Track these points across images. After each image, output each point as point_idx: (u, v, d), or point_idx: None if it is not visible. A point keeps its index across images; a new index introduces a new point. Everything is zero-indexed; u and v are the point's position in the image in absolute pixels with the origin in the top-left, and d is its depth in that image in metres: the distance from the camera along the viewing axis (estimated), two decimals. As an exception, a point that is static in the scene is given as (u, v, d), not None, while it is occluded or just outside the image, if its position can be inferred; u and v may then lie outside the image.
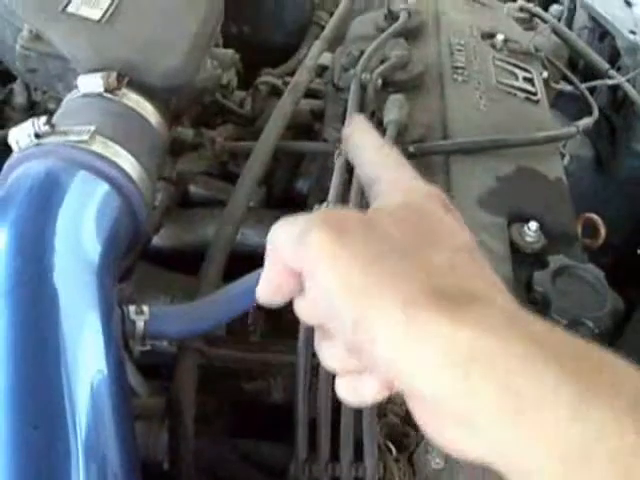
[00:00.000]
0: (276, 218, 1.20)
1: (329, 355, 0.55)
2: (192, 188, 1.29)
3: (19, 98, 1.18)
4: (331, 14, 1.71)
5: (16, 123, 1.03)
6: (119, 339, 0.79)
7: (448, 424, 0.46)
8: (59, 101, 1.01)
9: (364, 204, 0.94)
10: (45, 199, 0.81)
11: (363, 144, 0.63)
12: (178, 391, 0.89)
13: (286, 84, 1.37)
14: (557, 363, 0.42)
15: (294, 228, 0.52)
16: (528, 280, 0.99)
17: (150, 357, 0.91)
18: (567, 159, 1.33)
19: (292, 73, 1.47)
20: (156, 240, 1.18)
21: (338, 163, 1.00)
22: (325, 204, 0.94)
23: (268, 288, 0.55)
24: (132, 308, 0.80)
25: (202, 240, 1.22)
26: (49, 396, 0.70)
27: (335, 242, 0.49)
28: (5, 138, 1.02)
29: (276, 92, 1.42)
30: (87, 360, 0.74)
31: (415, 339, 0.45)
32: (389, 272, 0.47)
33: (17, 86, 1.18)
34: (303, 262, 0.50)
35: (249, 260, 0.93)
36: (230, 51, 1.30)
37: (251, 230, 1.22)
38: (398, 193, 0.55)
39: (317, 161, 1.31)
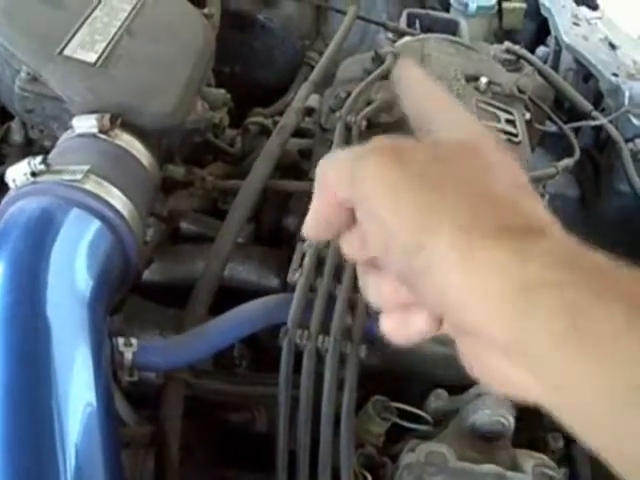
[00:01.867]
0: (264, 254, 1.25)
1: (377, 291, 0.54)
2: (183, 224, 1.33)
3: (16, 136, 1.23)
4: (321, 54, 1.78)
5: (13, 160, 1.09)
6: (109, 370, 0.83)
7: (499, 359, 0.45)
8: (55, 139, 1.06)
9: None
10: (40, 236, 0.85)
11: (415, 80, 0.62)
12: (164, 420, 0.93)
13: (275, 124, 1.42)
14: (629, 302, 0.41)
15: (345, 157, 0.51)
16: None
17: (138, 387, 0.95)
18: (547, 198, 1.37)
19: (282, 113, 1.52)
20: (146, 274, 1.22)
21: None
22: (307, 243, 0.98)
23: (317, 223, 0.54)
24: (121, 340, 0.85)
25: (192, 275, 1.26)
26: (40, 427, 0.73)
27: (394, 167, 0.48)
28: (2, 175, 1.08)
29: (265, 131, 1.47)
30: (78, 392, 0.78)
31: (472, 269, 0.44)
32: (449, 200, 0.47)
33: (14, 124, 1.23)
34: (358, 190, 0.50)
35: (237, 296, 0.98)
36: (222, 91, 1.36)
37: (239, 266, 1.26)
38: (455, 132, 0.55)
39: (305, 199, 1.35)
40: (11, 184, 0.91)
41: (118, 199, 0.92)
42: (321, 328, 0.88)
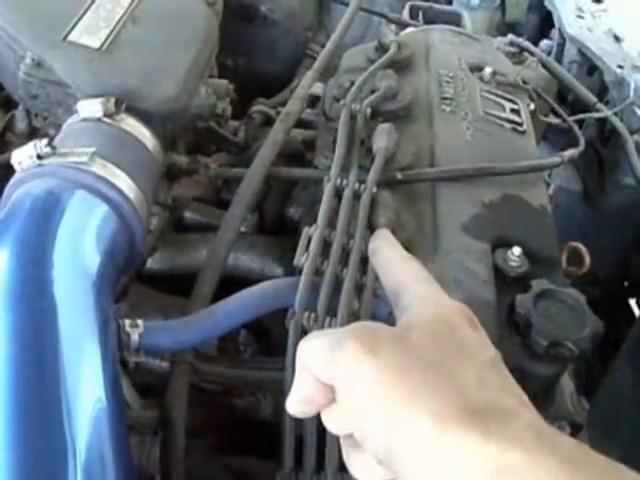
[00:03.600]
0: (268, 244, 1.26)
1: (358, 464, 0.58)
2: (186, 214, 1.34)
3: (20, 124, 1.23)
4: (323, 47, 1.78)
5: (17, 148, 1.09)
6: (116, 351, 0.83)
7: None
8: (59, 127, 1.06)
9: (352, 229, 1.00)
10: (46, 217, 0.86)
11: (390, 257, 0.68)
12: (171, 405, 0.93)
13: (279, 114, 1.43)
14: (580, 475, 0.44)
15: (324, 341, 0.55)
16: (511, 303, 1.04)
17: (141, 376, 0.96)
18: (552, 188, 1.38)
19: (285, 103, 1.53)
20: (150, 263, 1.23)
21: (327, 189, 1.05)
22: (314, 227, 0.98)
23: (299, 399, 0.58)
24: (127, 321, 0.85)
25: (195, 264, 1.27)
26: (48, 406, 0.74)
27: (368, 356, 0.51)
28: (6, 162, 1.08)
29: (269, 121, 1.48)
30: (85, 372, 0.78)
31: (445, 453, 0.47)
32: (420, 388, 0.50)
33: (19, 112, 1.24)
34: (336, 373, 0.53)
35: (241, 284, 0.98)
36: (224, 81, 1.36)
37: (243, 255, 1.27)
38: (427, 307, 0.59)
39: (308, 189, 1.36)
40: (17, 167, 0.91)
41: (124, 181, 0.93)
42: (328, 310, 0.88)
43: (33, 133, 1.23)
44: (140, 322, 0.85)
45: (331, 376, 0.54)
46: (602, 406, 1.54)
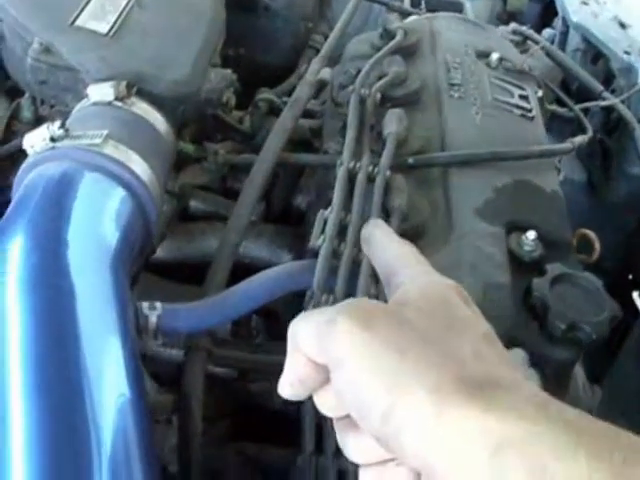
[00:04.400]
0: (275, 232, 1.26)
1: (354, 446, 0.56)
2: (192, 203, 1.34)
3: (26, 112, 1.24)
4: (325, 37, 1.79)
5: (23, 136, 1.09)
6: (135, 334, 0.83)
7: None
8: (65, 115, 1.06)
9: (366, 212, 1.00)
10: (60, 198, 0.87)
11: (382, 239, 0.68)
12: (188, 390, 0.93)
13: (284, 103, 1.44)
14: (589, 450, 0.43)
15: (317, 320, 0.54)
16: (527, 287, 1.04)
17: (154, 365, 0.96)
18: (562, 175, 1.39)
19: (289, 92, 1.53)
20: (157, 252, 1.23)
21: (340, 172, 1.06)
22: (329, 210, 0.99)
23: (291, 382, 0.56)
24: (145, 304, 0.86)
25: (202, 252, 1.28)
26: (69, 389, 0.74)
27: (363, 331, 0.51)
28: (13, 150, 1.09)
29: (274, 110, 1.48)
30: (106, 353, 0.78)
31: (445, 428, 0.46)
32: (417, 361, 0.49)
33: (24, 101, 1.24)
34: (329, 352, 0.52)
35: (249, 272, 0.98)
36: (228, 71, 1.37)
37: (251, 244, 1.28)
38: (420, 285, 0.58)
39: (315, 177, 1.37)
40: (29, 150, 0.92)
41: (138, 164, 0.93)
42: (346, 293, 0.89)
43: (39, 121, 1.23)
44: (158, 304, 0.86)
45: (325, 354, 0.53)
46: (605, 400, 1.54)
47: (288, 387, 0.57)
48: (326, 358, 0.53)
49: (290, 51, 1.82)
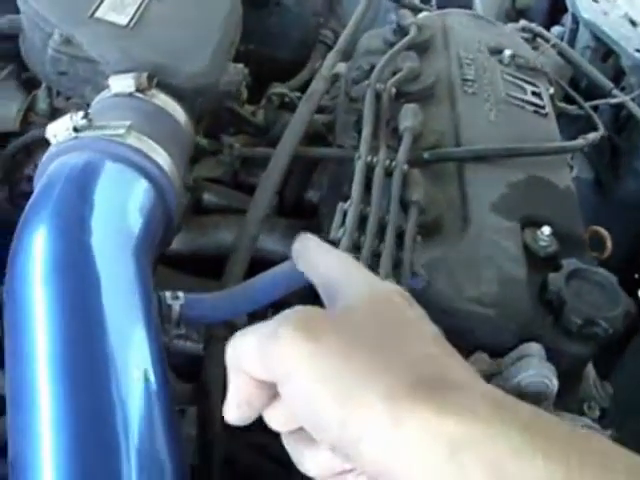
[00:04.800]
0: (289, 226, 1.27)
1: (310, 460, 0.55)
2: (205, 196, 1.35)
3: (42, 104, 1.24)
4: (335, 32, 1.80)
5: (39, 128, 1.10)
6: (158, 322, 0.84)
7: None
8: (81, 107, 1.07)
9: (385, 203, 1.01)
10: (84, 187, 0.87)
11: (316, 251, 0.65)
12: (208, 379, 0.95)
13: (297, 98, 1.45)
14: (545, 452, 0.43)
15: (257, 335, 0.52)
16: (542, 282, 1.05)
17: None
18: (575, 171, 1.40)
19: (299, 88, 1.55)
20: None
21: (359, 166, 1.07)
22: (348, 203, 1.00)
23: (238, 405, 0.54)
24: (168, 293, 0.87)
25: (215, 245, 1.29)
26: (95, 377, 0.74)
27: (309, 342, 0.49)
28: (28, 141, 1.10)
29: (286, 105, 1.49)
30: (132, 342, 0.79)
31: (401, 434, 0.45)
32: (367, 368, 0.48)
33: (41, 92, 1.25)
34: (275, 366, 0.50)
35: (262, 265, 0.99)
36: (240, 65, 1.38)
37: (265, 237, 1.29)
38: (362, 290, 0.57)
39: (328, 172, 1.38)
40: (52, 140, 0.93)
41: (160, 155, 0.94)
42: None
43: (55, 113, 1.24)
44: (181, 294, 0.87)
45: (270, 371, 0.51)
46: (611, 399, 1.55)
47: (235, 410, 0.54)
48: (272, 374, 0.51)
49: (300, 46, 1.83)
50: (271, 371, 0.51)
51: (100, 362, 0.75)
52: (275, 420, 0.55)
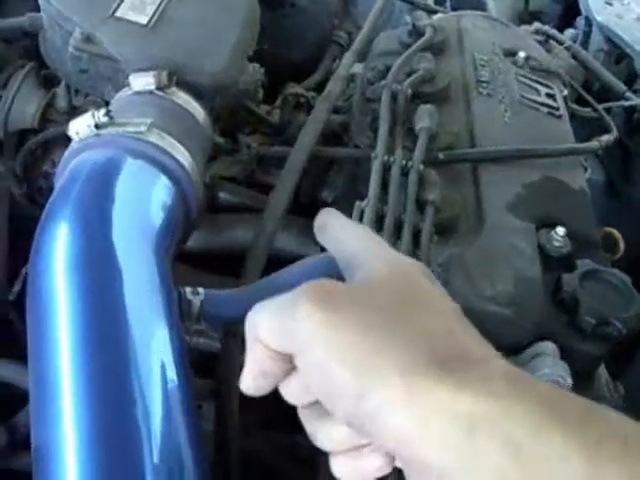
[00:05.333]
0: (303, 225, 1.28)
1: (324, 434, 0.55)
2: (221, 194, 1.36)
3: (61, 102, 1.26)
4: (349, 33, 1.81)
5: (57, 125, 1.12)
6: (179, 318, 0.85)
7: None
8: (99, 106, 1.09)
9: (401, 202, 1.03)
10: (105, 183, 0.88)
11: (338, 226, 0.66)
12: (225, 374, 0.96)
13: (312, 98, 1.46)
14: (562, 425, 0.44)
15: (275, 307, 0.53)
16: (556, 282, 1.06)
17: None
18: (589, 172, 1.41)
19: (313, 89, 1.56)
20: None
21: (375, 165, 1.08)
22: (365, 202, 1.01)
23: (254, 377, 0.55)
24: (188, 289, 0.88)
25: (230, 244, 1.30)
26: (116, 371, 0.75)
27: (326, 313, 0.49)
28: (47, 138, 1.11)
29: (301, 105, 1.50)
30: (153, 334, 0.80)
31: (417, 407, 0.46)
32: (386, 341, 0.48)
33: (60, 90, 1.26)
34: (292, 337, 0.50)
35: (276, 263, 1.01)
36: (255, 65, 1.39)
37: (281, 234, 1.30)
38: (382, 265, 0.57)
39: (343, 172, 1.39)
40: (74, 137, 0.94)
41: (181, 153, 0.95)
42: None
43: (73, 111, 1.25)
44: (201, 290, 0.87)
45: (287, 342, 0.51)
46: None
47: (251, 381, 0.55)
48: (289, 345, 0.51)
49: (314, 47, 1.84)
50: (288, 342, 0.51)
51: (122, 355, 0.76)
52: (290, 393, 0.56)
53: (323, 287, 0.52)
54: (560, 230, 1.11)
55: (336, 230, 0.65)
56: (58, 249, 0.83)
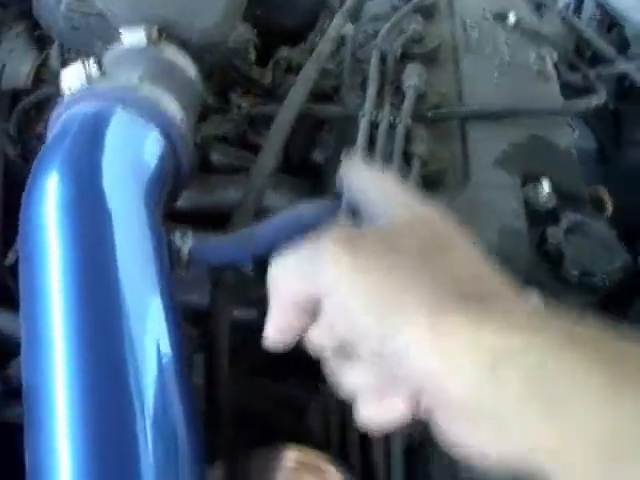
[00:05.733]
0: (294, 184, 1.30)
1: (348, 380, 0.56)
2: (214, 156, 1.38)
3: (54, 62, 1.28)
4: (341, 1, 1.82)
5: (50, 85, 1.13)
6: (169, 266, 0.87)
7: (476, 427, 0.47)
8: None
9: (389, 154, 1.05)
10: (96, 134, 0.89)
11: (361, 173, 0.66)
12: (215, 324, 0.97)
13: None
14: (584, 352, 0.44)
15: (297, 256, 0.54)
16: (541, 235, 1.08)
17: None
18: (576, 134, 1.43)
19: (308, 53, 1.57)
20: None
21: (363, 122, 1.11)
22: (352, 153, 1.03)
23: (280, 329, 0.56)
24: (177, 233, 0.89)
25: (222, 202, 1.31)
26: (109, 316, 0.76)
27: (352, 256, 0.50)
28: (41, 98, 1.13)
29: (293, 69, 1.52)
30: (143, 281, 0.81)
31: (443, 344, 0.46)
32: (412, 281, 0.49)
33: (53, 50, 1.28)
34: (318, 285, 0.51)
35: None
36: (247, 24, 1.41)
37: (271, 193, 1.31)
38: (404, 211, 0.58)
39: (334, 132, 1.41)
40: (66, 91, 0.95)
41: (172, 106, 0.97)
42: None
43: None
44: (190, 235, 0.89)
45: (313, 288, 0.52)
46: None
47: (276, 333, 0.57)
48: (315, 291, 0.52)
49: (307, 13, 1.84)
50: (313, 287, 0.52)
51: (113, 300, 0.77)
52: (316, 340, 0.57)
53: (349, 232, 0.54)
54: (545, 185, 1.13)
55: (359, 176, 0.66)
56: (49, 197, 0.85)
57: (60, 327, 0.75)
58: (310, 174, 1.42)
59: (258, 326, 1.13)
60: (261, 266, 1.14)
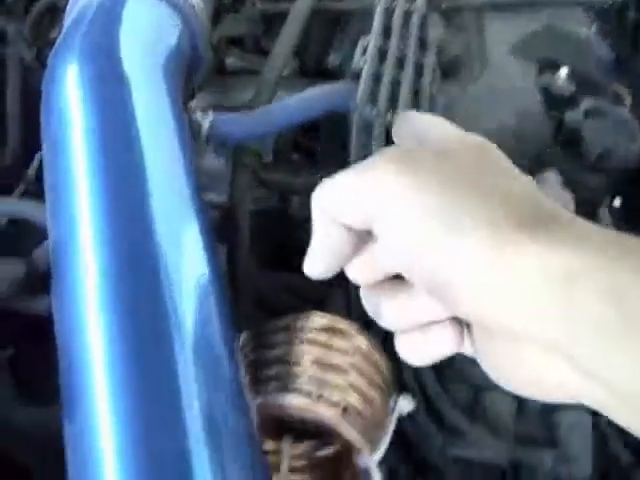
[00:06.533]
0: (309, 86, 1.31)
1: (392, 312, 0.53)
2: (229, 60, 1.39)
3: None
4: None
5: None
6: (190, 142, 0.88)
7: (540, 356, 0.45)
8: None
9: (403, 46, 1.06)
10: (114, 15, 0.91)
11: (414, 114, 0.61)
12: (235, 207, 0.99)
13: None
14: None
15: (349, 178, 0.49)
16: (559, 119, 1.09)
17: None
18: (594, 27, 1.42)
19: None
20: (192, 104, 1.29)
21: (379, 9, 1.11)
22: (369, 37, 1.04)
23: (324, 256, 0.52)
24: (198, 112, 0.91)
25: (237, 104, 1.33)
26: (138, 203, 0.76)
27: (406, 171, 0.47)
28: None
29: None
30: (167, 154, 0.83)
31: (507, 265, 0.44)
32: (470, 200, 0.46)
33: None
34: (373, 202, 0.48)
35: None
36: None
37: (285, 93, 1.33)
38: (454, 137, 0.54)
39: (349, 35, 1.42)
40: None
41: (188, -10, 0.98)
42: (388, 107, 0.94)
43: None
44: (210, 112, 0.91)
45: (366, 209, 0.48)
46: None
47: (319, 260, 0.52)
48: (366, 211, 0.49)
49: None
50: (365, 207, 0.48)
51: (139, 177, 0.78)
52: (359, 270, 0.54)
53: (402, 151, 0.51)
54: (563, 71, 1.13)
55: (412, 117, 0.60)
56: (71, 77, 0.86)
57: (87, 204, 0.76)
58: (326, 78, 1.43)
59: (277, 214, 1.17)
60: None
